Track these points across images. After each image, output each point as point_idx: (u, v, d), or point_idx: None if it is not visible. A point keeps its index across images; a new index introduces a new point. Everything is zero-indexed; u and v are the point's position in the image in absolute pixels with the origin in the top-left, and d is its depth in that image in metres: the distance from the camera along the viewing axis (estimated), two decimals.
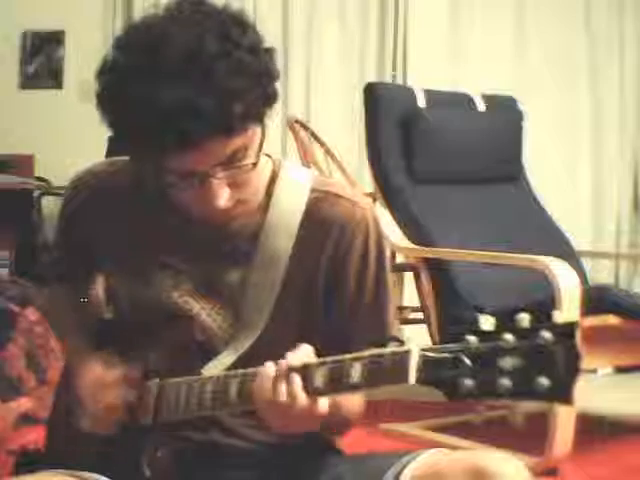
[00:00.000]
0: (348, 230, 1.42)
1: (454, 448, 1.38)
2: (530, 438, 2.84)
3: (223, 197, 1.29)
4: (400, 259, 3.78)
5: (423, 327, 3.40)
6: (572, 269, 2.82)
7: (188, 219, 1.39)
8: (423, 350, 1.11)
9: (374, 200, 3.45)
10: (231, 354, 1.39)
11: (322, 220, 1.42)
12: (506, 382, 1.02)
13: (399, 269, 3.72)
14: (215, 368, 1.37)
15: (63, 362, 1.60)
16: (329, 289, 1.42)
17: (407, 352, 1.12)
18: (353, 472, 1.38)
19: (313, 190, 1.43)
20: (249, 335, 1.40)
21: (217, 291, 1.42)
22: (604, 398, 3.75)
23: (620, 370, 4.16)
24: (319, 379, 1.20)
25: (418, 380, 1.11)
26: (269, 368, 1.24)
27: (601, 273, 4.86)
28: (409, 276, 3.76)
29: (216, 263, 1.42)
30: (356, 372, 1.17)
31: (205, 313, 1.42)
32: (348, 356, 1.19)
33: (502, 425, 3.38)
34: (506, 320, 1.04)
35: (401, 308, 3.96)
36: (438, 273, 3.28)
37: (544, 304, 2.74)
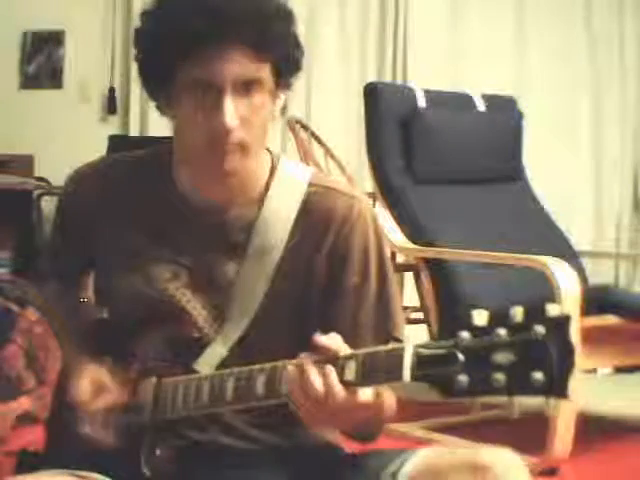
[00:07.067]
0: (347, 224, 1.42)
1: (454, 448, 1.39)
2: (530, 438, 2.84)
3: (232, 114, 1.30)
4: (400, 259, 3.78)
5: (423, 327, 3.40)
6: (572, 269, 2.81)
7: (185, 212, 1.41)
8: (417, 347, 1.10)
9: (374, 200, 3.45)
10: (222, 346, 1.39)
11: (320, 214, 1.42)
12: (501, 378, 1.01)
13: (399, 269, 3.72)
14: (208, 360, 1.38)
15: (62, 362, 1.60)
16: (329, 284, 1.42)
17: (401, 349, 1.11)
18: (352, 470, 1.38)
19: (311, 185, 1.44)
20: (239, 327, 1.40)
21: (213, 283, 1.42)
22: (604, 398, 3.75)
23: (620, 370, 4.16)
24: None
25: (413, 378, 1.09)
26: (297, 361, 1.20)
27: (601, 273, 4.86)
28: (409, 276, 3.76)
29: (212, 255, 1.42)
30: (350, 370, 1.16)
31: (201, 305, 1.42)
32: (342, 354, 1.18)
33: (502, 425, 3.38)
34: (500, 315, 1.03)
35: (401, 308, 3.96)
36: (438, 273, 3.27)
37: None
